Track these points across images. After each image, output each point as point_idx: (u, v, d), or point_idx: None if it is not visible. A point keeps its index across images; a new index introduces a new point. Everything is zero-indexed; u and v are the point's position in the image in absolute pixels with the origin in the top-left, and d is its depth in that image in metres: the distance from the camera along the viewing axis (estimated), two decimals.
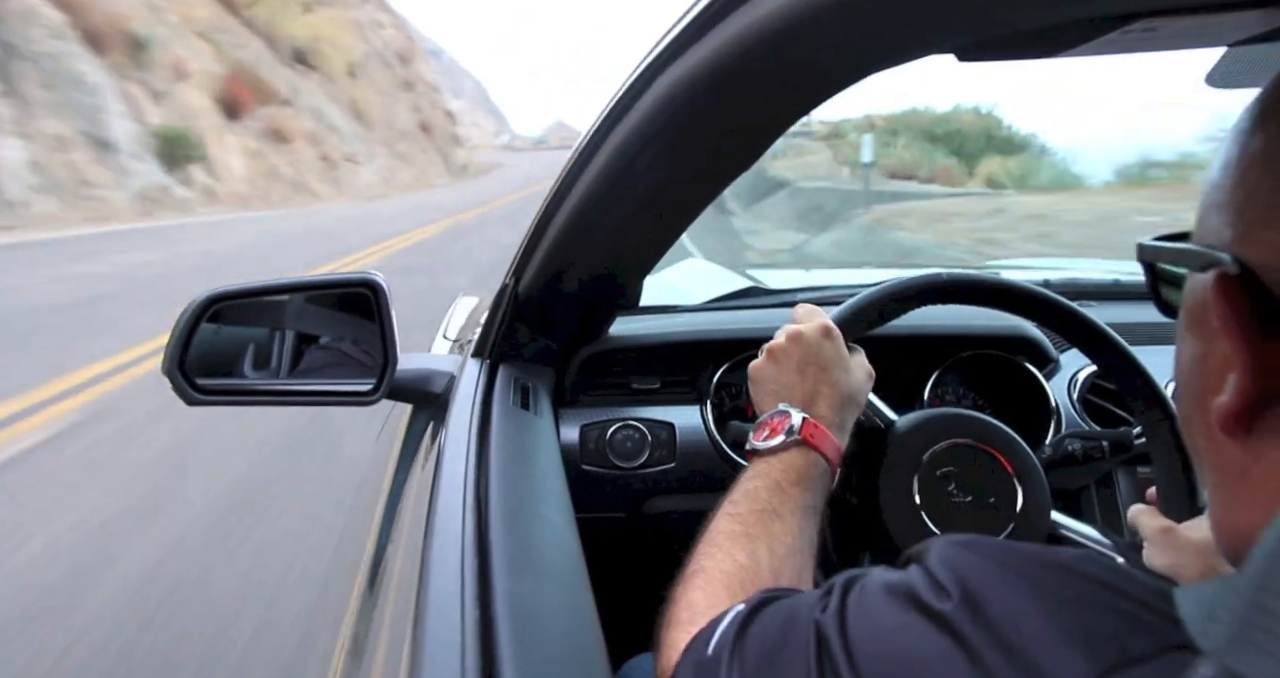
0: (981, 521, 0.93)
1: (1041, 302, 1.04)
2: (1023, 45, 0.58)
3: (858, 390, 0.89)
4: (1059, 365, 1.42)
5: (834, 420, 0.84)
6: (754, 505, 0.74)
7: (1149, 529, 0.86)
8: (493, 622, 0.60)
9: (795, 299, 1.59)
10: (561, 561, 0.76)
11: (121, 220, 15.68)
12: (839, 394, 0.86)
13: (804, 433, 0.80)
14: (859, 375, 0.91)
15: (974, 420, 0.99)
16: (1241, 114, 0.42)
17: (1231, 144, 0.41)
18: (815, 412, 0.83)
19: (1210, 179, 0.42)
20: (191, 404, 1.03)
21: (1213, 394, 0.40)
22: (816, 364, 0.87)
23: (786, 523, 0.72)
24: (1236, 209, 0.39)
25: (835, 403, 0.85)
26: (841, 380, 0.87)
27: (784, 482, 0.76)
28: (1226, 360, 0.39)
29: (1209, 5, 0.49)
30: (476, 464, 0.87)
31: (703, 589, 0.67)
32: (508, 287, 1.13)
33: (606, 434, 1.31)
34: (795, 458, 0.79)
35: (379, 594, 0.89)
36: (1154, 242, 0.48)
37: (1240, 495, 0.40)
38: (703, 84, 0.68)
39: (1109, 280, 1.76)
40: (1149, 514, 0.89)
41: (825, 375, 0.86)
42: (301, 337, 1.15)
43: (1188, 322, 0.44)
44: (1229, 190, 0.40)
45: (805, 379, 0.86)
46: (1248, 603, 0.32)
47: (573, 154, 0.92)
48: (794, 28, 0.57)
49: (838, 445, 0.82)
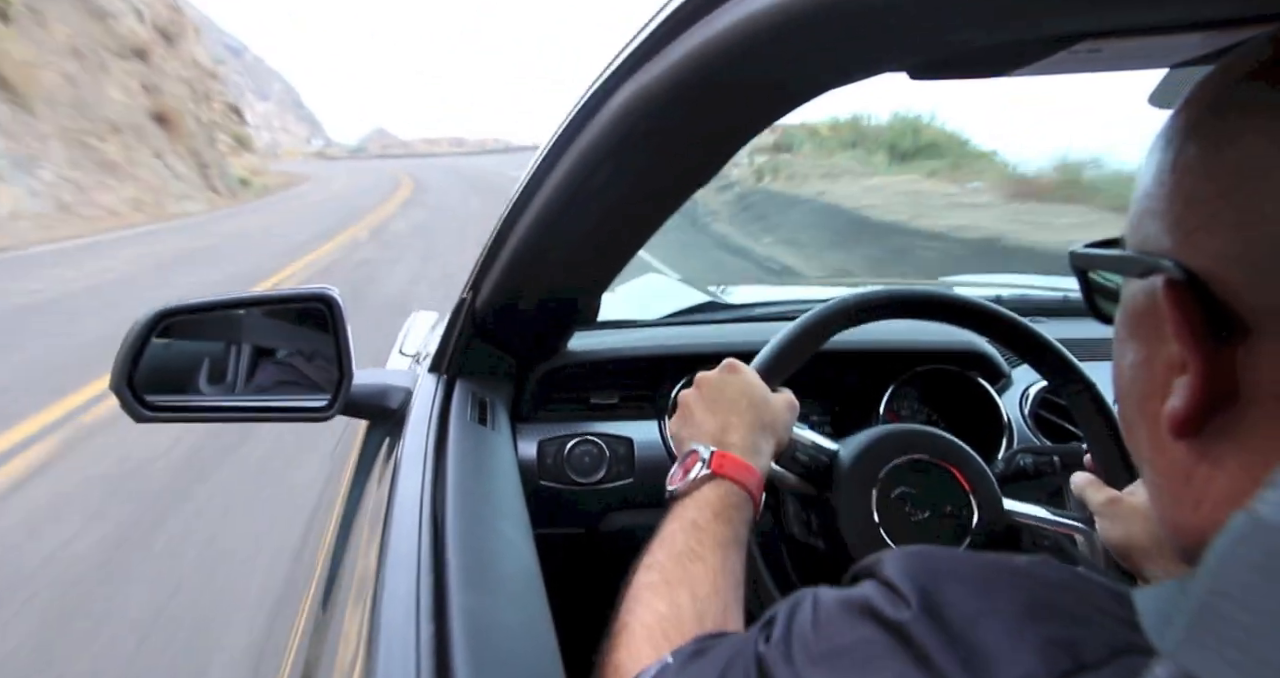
0: (939, 535, 0.94)
1: (948, 306, 1.06)
2: (973, 64, 0.59)
3: (775, 419, 0.89)
4: (1011, 381, 1.44)
5: (748, 446, 0.83)
6: (671, 550, 0.72)
7: (1096, 502, 0.89)
8: (448, 638, 0.59)
9: (753, 314, 1.61)
10: (519, 577, 0.75)
11: None
12: (750, 422, 0.85)
13: (714, 466, 0.79)
14: (777, 405, 0.91)
15: (928, 436, 1.00)
16: (1168, 123, 0.43)
17: (1162, 152, 0.42)
18: (726, 442, 0.82)
19: (1143, 187, 0.43)
20: (140, 421, 1.01)
21: (1157, 398, 0.41)
22: (723, 399, 0.87)
23: (707, 562, 0.70)
24: (1175, 217, 0.40)
25: (747, 430, 0.84)
26: (753, 408, 0.87)
27: (699, 520, 0.75)
28: (1171, 365, 0.40)
29: (1151, 28, 0.51)
30: (433, 480, 0.86)
31: (626, 648, 0.64)
32: (465, 301, 1.13)
33: (565, 450, 1.31)
34: (708, 493, 0.77)
35: (332, 611, 0.88)
36: (1086, 249, 0.49)
37: (1186, 496, 0.41)
38: (660, 98, 0.68)
39: (1058, 296, 1.79)
40: (1094, 486, 0.91)
41: (734, 407, 0.86)
42: (256, 352, 1.13)
43: (1128, 327, 0.45)
44: (1164, 198, 0.41)
45: (714, 415, 0.86)
46: (1201, 605, 0.32)
47: (530, 167, 0.92)
48: (749, 45, 0.58)
49: (754, 469, 0.81)
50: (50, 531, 3.21)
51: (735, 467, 0.79)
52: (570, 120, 0.81)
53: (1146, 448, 0.44)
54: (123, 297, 8.13)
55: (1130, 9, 0.49)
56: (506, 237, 1.00)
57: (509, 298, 1.09)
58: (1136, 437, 0.45)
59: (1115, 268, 0.47)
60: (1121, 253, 0.45)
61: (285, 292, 1.11)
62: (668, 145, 0.78)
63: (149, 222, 17.30)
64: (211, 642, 2.50)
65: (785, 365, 0.98)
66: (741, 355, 0.97)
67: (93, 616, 2.65)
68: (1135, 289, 0.43)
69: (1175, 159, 0.41)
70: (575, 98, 0.81)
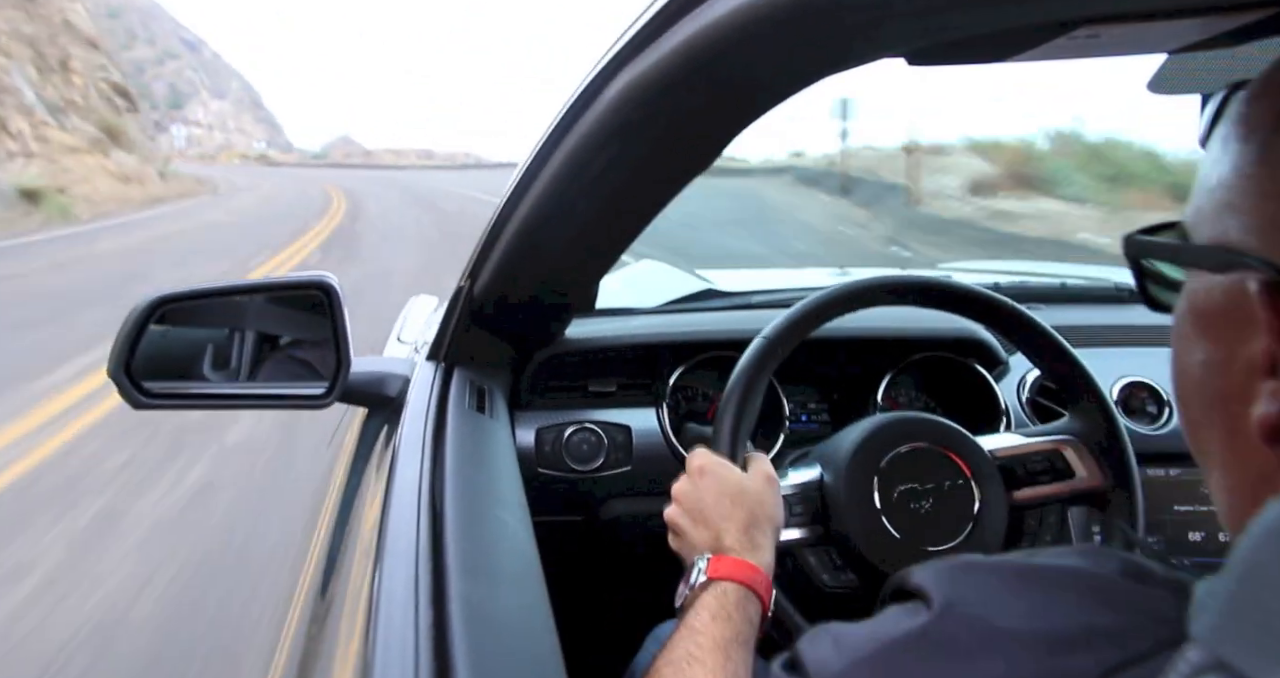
0: (942, 523, 0.95)
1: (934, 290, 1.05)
2: (971, 50, 0.59)
3: (762, 505, 0.88)
4: (1008, 367, 1.44)
5: (744, 545, 0.82)
6: (669, 657, 0.72)
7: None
8: (447, 626, 0.60)
9: (750, 301, 1.61)
10: (517, 564, 0.75)
11: None
12: (740, 521, 0.85)
13: (709, 572, 0.79)
14: (756, 488, 0.89)
15: (928, 423, 1.01)
16: (1244, 110, 0.41)
17: (1243, 143, 0.40)
18: (722, 546, 0.82)
19: (1218, 177, 0.41)
20: (138, 408, 1.01)
21: (1238, 400, 0.39)
22: (705, 507, 0.86)
23: (706, 664, 0.70)
24: (1269, 215, 0.38)
25: (739, 528, 0.84)
26: (738, 505, 0.86)
27: (696, 623, 0.74)
28: (1254, 366, 0.38)
29: (1149, 13, 0.50)
30: (431, 468, 0.86)
31: None
32: (463, 289, 1.12)
33: (563, 437, 1.31)
34: (706, 598, 0.77)
35: (331, 599, 0.88)
36: (1143, 236, 0.47)
37: (1261, 498, 0.38)
38: (658, 86, 0.68)
39: (1056, 284, 1.80)
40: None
41: (718, 512, 0.85)
42: (254, 339, 1.13)
43: (1197, 325, 0.42)
44: (1252, 194, 0.39)
45: (703, 527, 0.85)
46: (1232, 592, 0.32)
47: (528, 156, 0.91)
48: (748, 31, 0.58)
49: (752, 565, 0.81)
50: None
51: (731, 567, 0.79)
52: (567, 108, 0.81)
53: (1221, 449, 0.42)
54: None
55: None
56: (504, 224, 1.00)
57: (507, 286, 1.09)
58: (1206, 437, 0.43)
59: (1185, 261, 0.45)
60: (1196, 245, 0.43)
61: (283, 278, 1.11)
62: (664, 133, 0.77)
63: None
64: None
65: (743, 429, 0.96)
66: (738, 343, 0.97)
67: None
68: (1208, 285, 0.41)
69: (1264, 154, 0.39)
70: (572, 85, 0.81)
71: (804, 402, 1.46)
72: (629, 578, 1.49)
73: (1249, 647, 0.30)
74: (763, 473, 0.92)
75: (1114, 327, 1.56)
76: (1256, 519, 0.33)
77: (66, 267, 10.78)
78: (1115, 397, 1.40)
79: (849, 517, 0.94)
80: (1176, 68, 0.62)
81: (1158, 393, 1.41)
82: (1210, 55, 0.58)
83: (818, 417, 1.47)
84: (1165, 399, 1.40)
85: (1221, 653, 0.31)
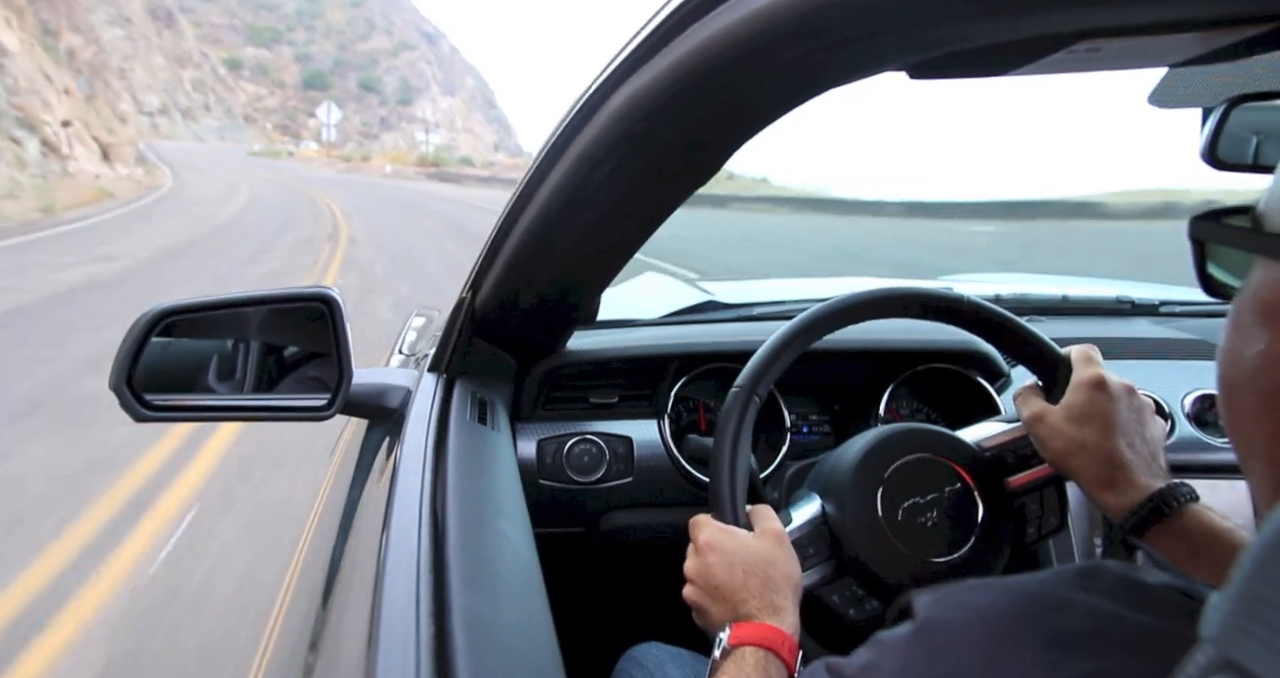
0: (948, 534, 0.94)
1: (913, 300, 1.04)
2: (972, 64, 0.59)
3: (769, 566, 0.86)
4: (1010, 380, 1.44)
5: (763, 608, 0.82)
6: None
7: (1025, 420, 0.92)
8: (448, 638, 0.60)
9: (751, 313, 1.61)
10: (519, 576, 0.75)
11: None
12: (756, 587, 0.84)
13: (730, 641, 0.78)
14: (763, 548, 0.88)
15: (923, 433, 1.00)
16: None
17: None
18: (741, 613, 0.82)
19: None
20: (139, 420, 1.01)
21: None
22: (718, 582, 0.85)
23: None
24: None
25: (756, 592, 0.83)
26: (750, 571, 0.85)
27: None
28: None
29: (1150, 27, 0.51)
30: (433, 479, 0.86)
31: None
32: (464, 301, 1.13)
33: (564, 449, 1.31)
34: (729, 668, 0.76)
35: (332, 610, 0.88)
36: (1212, 221, 0.46)
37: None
38: (659, 98, 0.68)
39: (1057, 296, 1.79)
40: (1023, 400, 0.95)
41: (729, 582, 0.85)
42: (256, 351, 1.13)
43: (1264, 314, 0.41)
44: None
45: (721, 602, 0.84)
46: (1242, 592, 0.32)
47: (529, 167, 0.92)
48: (749, 44, 0.58)
49: (773, 627, 0.80)
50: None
51: (752, 632, 0.79)
52: (569, 120, 0.81)
53: (1268, 442, 0.41)
54: None
55: (1130, 8, 0.49)
56: (506, 236, 1.00)
57: (508, 297, 1.09)
58: (1252, 429, 0.42)
59: (1257, 248, 0.43)
60: (1271, 234, 0.42)
61: (285, 291, 1.10)
62: (665, 146, 0.78)
63: None
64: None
65: (739, 484, 0.94)
66: (739, 355, 0.96)
67: None
68: (1279, 276, 0.41)
69: None
70: (574, 98, 0.81)
71: (806, 413, 1.46)
72: (630, 589, 1.49)
73: (1259, 647, 0.30)
74: (770, 532, 0.90)
75: (1116, 339, 1.56)
76: (1269, 517, 0.33)
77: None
78: None
79: (858, 541, 0.93)
80: (1178, 82, 0.62)
81: (1160, 406, 1.41)
82: (1211, 69, 0.58)
83: (819, 428, 1.47)
84: (1167, 412, 1.40)
85: (1231, 653, 0.31)
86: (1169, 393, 1.42)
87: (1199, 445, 1.36)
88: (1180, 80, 0.62)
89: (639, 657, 1.10)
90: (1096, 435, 0.85)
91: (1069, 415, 0.87)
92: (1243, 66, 0.57)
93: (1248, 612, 0.31)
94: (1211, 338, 1.57)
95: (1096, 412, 0.86)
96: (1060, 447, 0.87)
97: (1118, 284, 2.16)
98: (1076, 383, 0.89)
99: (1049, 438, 0.89)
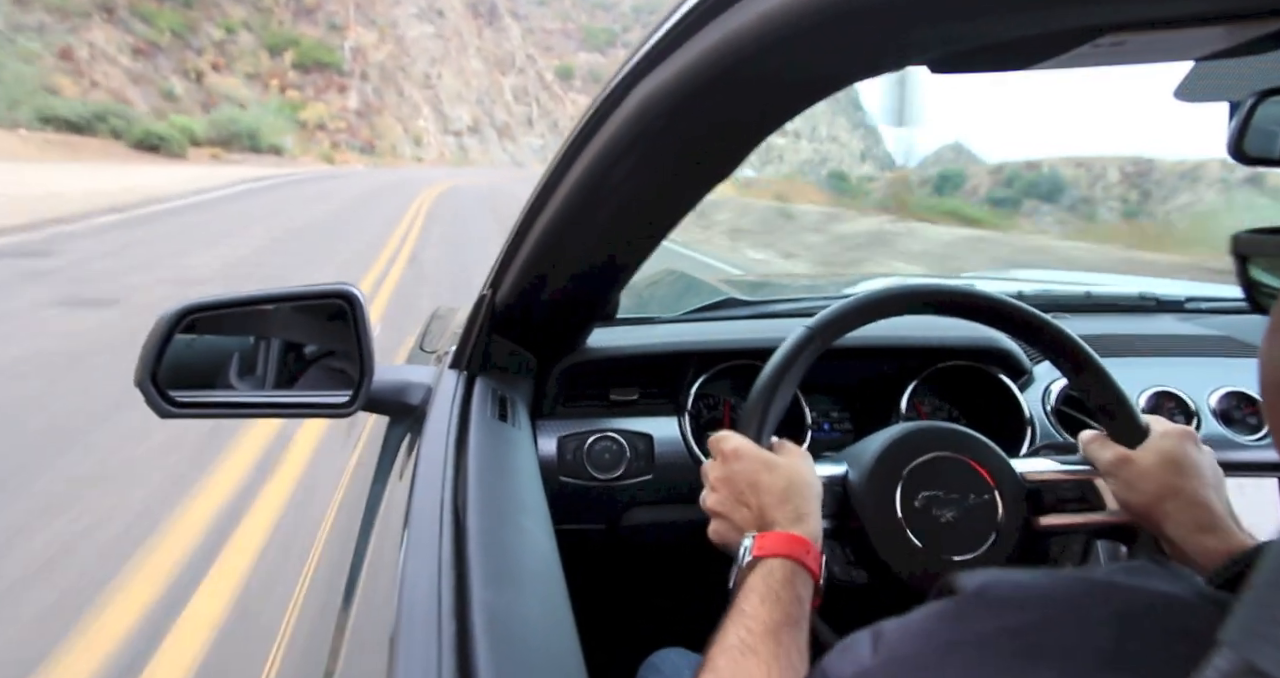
0: (963, 533, 0.94)
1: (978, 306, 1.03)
2: (995, 58, 0.59)
3: (796, 475, 0.87)
4: (1033, 377, 1.43)
5: (788, 516, 0.82)
6: (723, 646, 0.71)
7: (1104, 461, 0.91)
8: (470, 635, 0.60)
9: (772, 310, 1.60)
10: (540, 572, 0.75)
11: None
12: (778, 492, 0.84)
13: (755, 550, 0.78)
14: (790, 462, 0.89)
15: (946, 432, 1.00)
16: None
17: None
18: (766, 522, 0.82)
19: None
20: (164, 417, 1.02)
21: None
22: (743, 489, 0.86)
23: (759, 654, 0.69)
24: None
25: (779, 501, 0.84)
26: (775, 479, 0.86)
27: (747, 607, 0.73)
28: None
29: (1175, 20, 0.50)
30: (454, 476, 0.86)
31: None
32: (485, 298, 1.13)
33: (584, 446, 1.31)
34: (754, 579, 0.76)
35: (354, 607, 0.89)
36: (1255, 235, 0.47)
37: None
38: (680, 93, 0.68)
39: (1080, 293, 1.78)
40: (1100, 443, 0.94)
41: (754, 490, 0.85)
42: (279, 348, 1.14)
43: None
44: None
45: (745, 506, 0.85)
46: (1260, 596, 0.32)
47: (550, 163, 0.92)
48: (771, 38, 0.58)
49: (798, 537, 0.80)
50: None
51: (778, 542, 0.79)
52: (589, 117, 0.81)
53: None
54: None
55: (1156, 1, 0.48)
56: (526, 233, 1.01)
57: (529, 294, 1.09)
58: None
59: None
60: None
61: (307, 288, 1.11)
62: (686, 141, 0.77)
63: None
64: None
65: (772, 415, 0.96)
66: (761, 352, 0.96)
67: None
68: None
69: None
70: (595, 93, 0.81)
71: (826, 411, 1.46)
72: (652, 589, 1.49)
73: (1277, 652, 0.30)
74: (795, 451, 0.92)
75: (1141, 336, 1.55)
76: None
77: None
78: (1143, 407, 1.38)
79: (869, 516, 0.94)
80: (1204, 76, 0.61)
81: (1185, 403, 1.40)
82: (1238, 63, 0.58)
83: (840, 426, 1.47)
84: (1193, 409, 1.39)
85: (1250, 656, 0.31)
86: (1195, 390, 1.41)
87: (1226, 443, 1.35)
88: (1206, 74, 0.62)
89: (658, 663, 1.11)
90: (1192, 482, 0.86)
91: (1163, 461, 0.88)
92: (1270, 59, 0.57)
93: (1269, 617, 0.31)
94: (1238, 334, 1.55)
95: (1190, 461, 0.87)
96: (1152, 489, 0.87)
97: (1141, 281, 2.14)
98: (1168, 432, 0.90)
99: (1137, 481, 0.89)
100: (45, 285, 8.03)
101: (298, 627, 1.21)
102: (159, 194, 19.46)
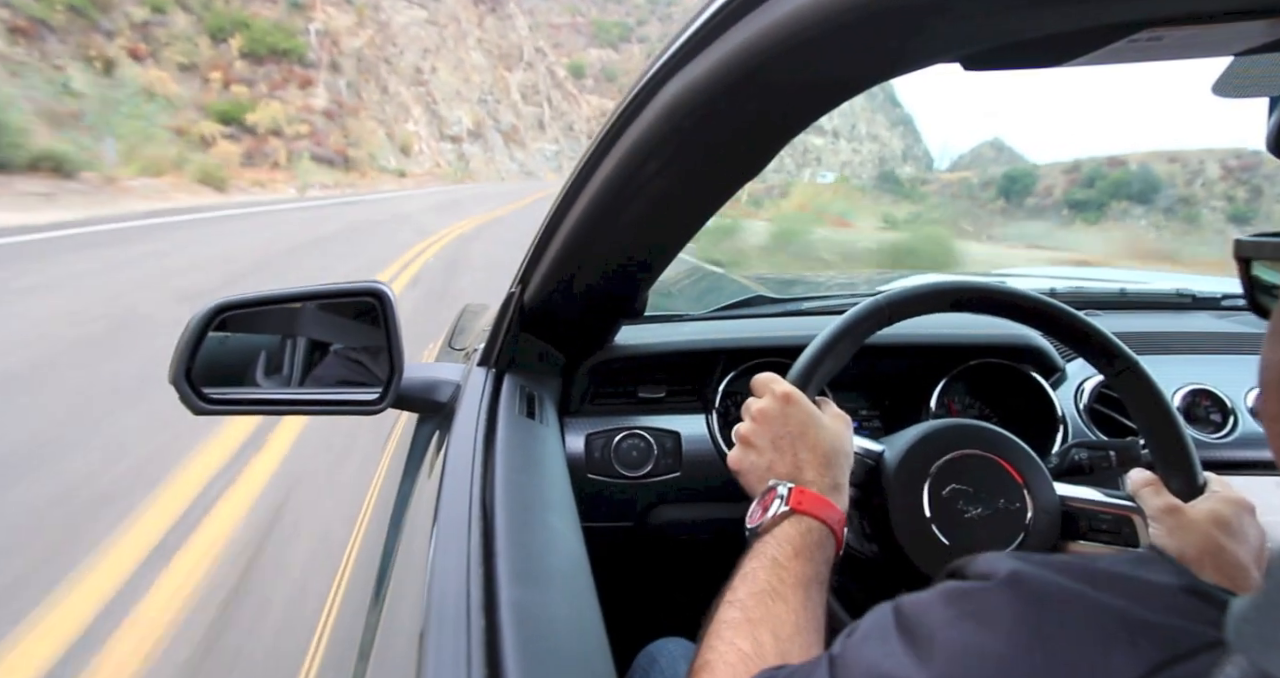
0: (993, 531, 0.93)
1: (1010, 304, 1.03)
2: (1029, 55, 0.58)
3: (839, 442, 0.88)
4: (1065, 375, 1.41)
5: (825, 483, 0.82)
6: (753, 588, 0.71)
7: (1153, 507, 0.90)
8: (498, 632, 0.60)
9: (801, 307, 1.60)
10: (568, 570, 0.76)
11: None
12: (821, 454, 0.84)
13: (792, 503, 0.78)
14: (835, 427, 0.89)
15: (975, 429, 0.99)
16: None
17: None
18: (803, 479, 0.82)
19: None
20: (198, 414, 1.03)
21: None
22: (789, 434, 0.86)
23: (789, 602, 0.70)
24: None
25: (820, 464, 0.84)
26: (820, 440, 0.86)
27: (781, 557, 0.74)
28: None
29: (1214, 15, 0.49)
30: (482, 473, 0.87)
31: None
32: (513, 295, 1.13)
33: (612, 443, 1.31)
34: (789, 530, 0.76)
35: (383, 604, 0.89)
36: (1256, 238, 0.47)
37: None
38: (709, 91, 0.68)
39: (1115, 290, 1.76)
40: (1152, 490, 0.92)
41: (802, 441, 0.85)
42: (310, 345, 1.15)
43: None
44: None
45: (783, 453, 0.85)
46: (1273, 603, 0.32)
47: (579, 162, 0.92)
48: (801, 36, 0.57)
49: (833, 506, 0.80)
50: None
51: (815, 503, 0.79)
52: (618, 115, 0.81)
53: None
54: None
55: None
56: (555, 231, 1.01)
57: (557, 292, 1.09)
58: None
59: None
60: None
61: (337, 286, 1.12)
62: (715, 140, 0.77)
63: None
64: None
65: (820, 375, 0.97)
66: (790, 350, 0.96)
67: None
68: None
69: None
70: (612, 92, 0.80)
71: (855, 408, 1.45)
72: (678, 584, 1.49)
73: None
74: (840, 417, 0.92)
75: (1177, 334, 1.53)
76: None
77: None
78: (1178, 404, 1.36)
79: (895, 497, 0.94)
80: (1243, 70, 0.60)
81: (1221, 401, 1.38)
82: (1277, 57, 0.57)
83: (870, 423, 1.46)
84: (1230, 407, 1.37)
85: (1265, 664, 0.30)
86: (1232, 388, 1.39)
87: (1263, 442, 1.33)
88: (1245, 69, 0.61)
89: (655, 653, 1.10)
90: (1239, 548, 0.85)
91: (1214, 520, 0.87)
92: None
93: (1278, 623, 0.31)
94: None
95: (1241, 528, 0.87)
96: (1196, 542, 0.86)
97: (1174, 277, 2.11)
98: (1228, 497, 0.90)
99: (1182, 531, 0.88)
100: None
101: (329, 623, 1.22)
102: None
